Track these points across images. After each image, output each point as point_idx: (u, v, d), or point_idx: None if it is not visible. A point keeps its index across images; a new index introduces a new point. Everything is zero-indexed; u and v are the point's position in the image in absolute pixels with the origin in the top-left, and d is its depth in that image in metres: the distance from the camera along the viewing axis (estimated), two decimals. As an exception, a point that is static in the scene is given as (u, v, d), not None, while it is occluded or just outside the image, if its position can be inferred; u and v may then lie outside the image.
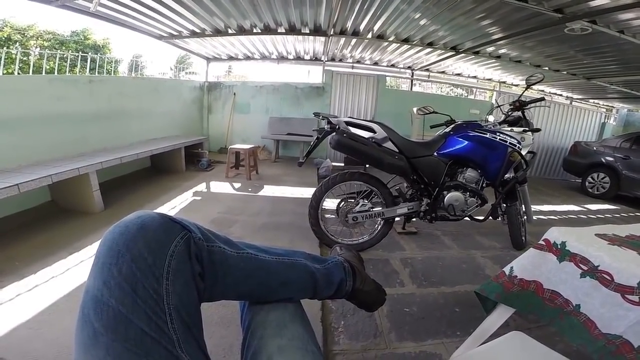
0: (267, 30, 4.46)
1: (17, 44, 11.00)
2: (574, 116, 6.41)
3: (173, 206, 2.73)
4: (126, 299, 0.44)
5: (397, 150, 1.91)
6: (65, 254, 1.76)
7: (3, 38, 10.93)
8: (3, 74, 3.59)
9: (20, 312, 1.26)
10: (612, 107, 7.64)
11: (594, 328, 0.71)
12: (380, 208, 2.01)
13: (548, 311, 0.83)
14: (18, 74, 3.54)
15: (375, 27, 4.15)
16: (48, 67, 4.34)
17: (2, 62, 3.68)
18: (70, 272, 1.59)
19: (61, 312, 1.28)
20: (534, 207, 3.35)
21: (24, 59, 5.83)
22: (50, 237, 1.97)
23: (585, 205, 4.17)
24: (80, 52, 4.48)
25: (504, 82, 6.76)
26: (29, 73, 3.83)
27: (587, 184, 4.98)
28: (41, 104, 2.58)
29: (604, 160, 4.81)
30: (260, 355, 0.56)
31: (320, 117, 2.06)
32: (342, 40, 4.77)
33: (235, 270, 0.61)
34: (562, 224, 2.52)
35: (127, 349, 0.42)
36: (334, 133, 1.87)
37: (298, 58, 6.14)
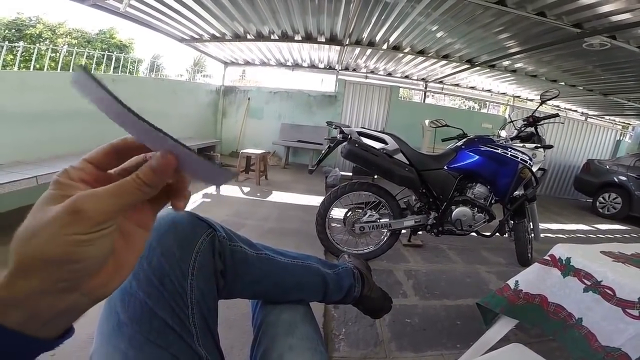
0: (284, 37, 4.57)
1: (47, 40, 11.47)
2: (588, 133, 6.23)
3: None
4: (153, 292, 0.46)
5: (408, 163, 1.93)
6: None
7: (35, 34, 11.41)
8: (32, 69, 3.77)
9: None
10: (629, 124, 7.46)
11: (594, 341, 0.73)
12: (388, 219, 2.02)
13: (552, 324, 0.85)
14: (47, 70, 3.70)
15: (391, 39, 4.20)
16: (75, 64, 4.52)
17: (34, 57, 3.87)
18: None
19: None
20: (543, 226, 3.30)
21: (53, 55, 6.08)
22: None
23: (595, 225, 4.08)
24: (106, 51, 4.67)
25: (519, 97, 6.71)
26: (57, 70, 4.00)
27: (598, 203, 4.86)
28: (66, 100, 2.68)
29: (616, 180, 4.70)
30: (271, 352, 0.58)
31: (333, 126, 2.09)
32: (357, 50, 4.84)
33: (253, 270, 0.63)
34: (570, 243, 2.48)
35: (149, 341, 0.44)
36: (346, 142, 1.90)
37: (312, 66, 6.24)
